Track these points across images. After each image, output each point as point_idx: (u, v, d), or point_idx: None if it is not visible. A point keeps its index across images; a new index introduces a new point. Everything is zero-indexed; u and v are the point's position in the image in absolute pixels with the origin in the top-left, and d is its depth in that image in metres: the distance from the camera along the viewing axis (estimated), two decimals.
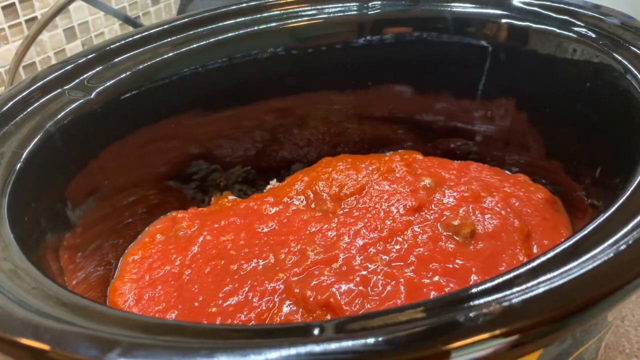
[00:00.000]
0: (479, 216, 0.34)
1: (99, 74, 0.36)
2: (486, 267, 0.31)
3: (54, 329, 0.19)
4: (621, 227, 0.21)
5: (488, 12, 0.39)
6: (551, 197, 0.37)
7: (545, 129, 0.39)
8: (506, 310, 0.18)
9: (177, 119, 0.39)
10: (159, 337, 0.18)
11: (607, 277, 0.19)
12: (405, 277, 0.30)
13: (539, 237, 0.33)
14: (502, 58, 0.39)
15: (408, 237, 0.33)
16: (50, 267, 0.29)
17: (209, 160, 0.42)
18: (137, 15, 0.76)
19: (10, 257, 0.24)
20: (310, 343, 0.17)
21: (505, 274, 0.20)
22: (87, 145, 0.35)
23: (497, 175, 0.39)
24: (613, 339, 0.36)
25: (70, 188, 0.33)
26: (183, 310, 0.31)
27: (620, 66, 0.31)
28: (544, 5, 0.37)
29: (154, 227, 0.39)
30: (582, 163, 0.35)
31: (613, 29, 0.34)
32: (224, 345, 0.18)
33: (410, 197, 0.36)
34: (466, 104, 0.42)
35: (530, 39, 0.37)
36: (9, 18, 0.63)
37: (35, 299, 0.21)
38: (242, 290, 0.31)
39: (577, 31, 0.35)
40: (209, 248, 0.34)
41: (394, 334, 0.17)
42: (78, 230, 0.33)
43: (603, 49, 0.33)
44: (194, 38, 0.40)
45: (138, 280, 0.34)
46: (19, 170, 0.29)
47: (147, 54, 0.38)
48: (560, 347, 0.22)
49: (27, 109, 0.32)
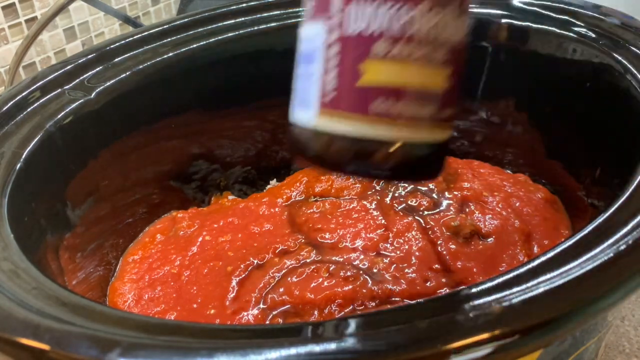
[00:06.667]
0: (479, 216, 0.34)
1: (99, 74, 0.36)
2: (487, 267, 0.31)
3: (54, 329, 0.19)
4: (621, 227, 0.21)
5: (488, 12, 0.39)
6: (551, 197, 0.37)
7: (545, 128, 0.39)
8: (506, 310, 0.18)
9: (177, 119, 0.39)
10: (159, 337, 0.18)
11: (607, 277, 0.19)
12: (406, 278, 0.30)
13: (539, 237, 0.33)
14: (502, 58, 0.39)
15: (409, 237, 0.33)
16: (50, 267, 0.29)
17: (209, 160, 0.42)
18: (137, 15, 0.76)
19: (10, 257, 0.24)
20: (310, 343, 0.17)
21: (505, 274, 0.20)
22: (87, 145, 0.35)
23: (498, 174, 0.39)
24: (613, 339, 0.36)
25: (70, 188, 0.33)
26: (182, 312, 0.31)
27: (620, 66, 0.31)
28: (544, 6, 0.37)
29: (154, 227, 0.39)
30: (582, 163, 0.35)
31: (613, 29, 0.34)
32: (224, 345, 0.18)
33: (411, 197, 0.35)
34: (466, 104, 0.42)
35: (530, 39, 0.37)
36: (8, 18, 0.63)
37: (36, 299, 0.21)
38: (241, 292, 0.31)
39: (578, 31, 0.35)
40: (208, 249, 0.34)
41: (393, 334, 0.17)
42: (78, 230, 0.33)
43: (603, 49, 0.33)
44: (194, 38, 0.40)
45: (138, 280, 0.34)
46: (19, 170, 0.29)
47: (147, 54, 0.38)
48: (560, 347, 0.22)
49: (27, 109, 0.32)
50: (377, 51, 0.20)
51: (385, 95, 0.20)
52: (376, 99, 0.21)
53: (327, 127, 0.22)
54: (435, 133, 0.22)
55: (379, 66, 0.20)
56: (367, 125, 0.21)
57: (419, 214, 0.35)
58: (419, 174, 0.23)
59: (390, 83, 0.20)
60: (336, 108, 0.21)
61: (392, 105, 0.21)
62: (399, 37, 0.20)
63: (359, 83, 0.21)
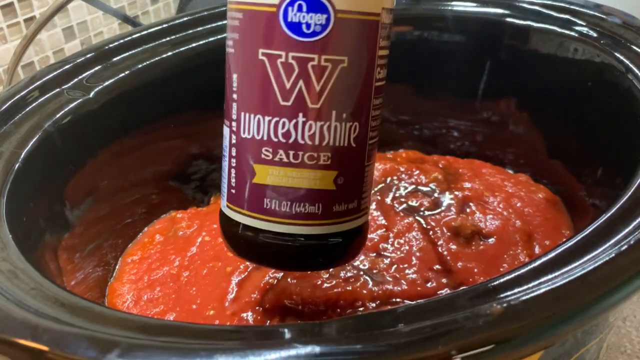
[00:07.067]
0: (480, 216, 0.34)
1: (98, 74, 0.36)
2: (488, 267, 0.31)
3: (53, 330, 0.19)
4: (623, 228, 0.21)
5: (489, 11, 0.39)
6: (552, 197, 0.37)
7: (546, 128, 0.39)
8: (507, 311, 0.18)
9: (177, 119, 0.39)
10: (158, 338, 0.18)
11: (608, 277, 0.19)
12: (406, 279, 0.30)
13: (540, 237, 0.33)
14: (503, 57, 0.39)
15: (409, 238, 0.33)
16: (49, 268, 0.29)
17: (208, 160, 0.42)
18: (136, 14, 0.76)
19: (8, 258, 0.24)
20: (310, 344, 0.17)
21: (507, 274, 0.20)
22: (86, 145, 0.34)
23: (499, 174, 0.39)
24: (614, 339, 0.36)
25: (69, 188, 0.33)
26: (181, 313, 0.31)
27: (622, 65, 0.31)
28: (545, 5, 0.37)
29: (154, 227, 0.39)
30: (584, 163, 0.35)
31: (614, 28, 0.34)
32: (224, 346, 0.18)
33: (411, 198, 0.35)
34: (467, 104, 0.42)
35: (531, 38, 0.37)
36: (7, 17, 0.62)
37: (34, 300, 0.21)
38: (240, 292, 0.31)
39: (579, 30, 0.35)
40: (207, 249, 0.34)
41: (394, 335, 0.17)
42: (77, 230, 0.33)
43: (604, 48, 0.33)
44: (193, 37, 0.40)
45: (137, 281, 0.34)
46: (17, 170, 0.29)
47: (146, 53, 0.38)
48: (561, 348, 0.22)
49: (25, 109, 0.32)
50: (264, 155, 0.23)
51: (275, 194, 0.23)
52: (268, 198, 0.23)
53: (235, 217, 0.25)
54: (332, 227, 0.24)
55: (268, 169, 0.23)
56: (264, 221, 0.23)
57: (420, 214, 0.35)
58: (325, 263, 0.25)
59: (279, 184, 0.23)
60: (235, 203, 0.24)
61: (282, 203, 0.23)
62: (282, 145, 0.22)
63: (253, 182, 0.23)
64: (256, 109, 0.23)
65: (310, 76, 0.22)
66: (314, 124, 0.22)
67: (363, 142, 0.23)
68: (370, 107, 0.23)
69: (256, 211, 0.24)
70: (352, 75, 0.22)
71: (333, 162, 0.23)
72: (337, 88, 0.22)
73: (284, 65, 0.22)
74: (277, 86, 0.22)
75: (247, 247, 0.25)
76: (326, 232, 0.24)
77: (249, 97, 0.23)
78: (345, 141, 0.23)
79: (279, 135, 0.22)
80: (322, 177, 0.23)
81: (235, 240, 0.25)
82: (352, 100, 0.23)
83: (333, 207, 0.23)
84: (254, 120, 0.23)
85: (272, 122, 0.22)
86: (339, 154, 0.23)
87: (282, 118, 0.22)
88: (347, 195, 0.24)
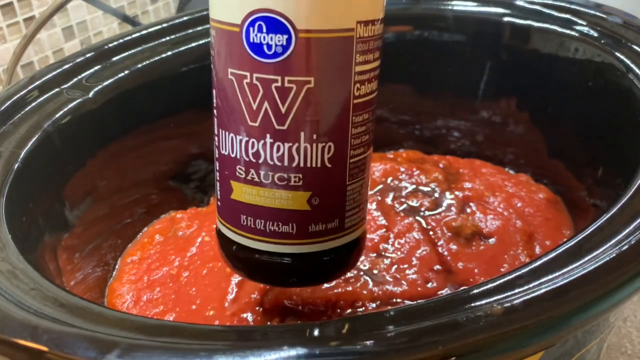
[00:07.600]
0: (481, 217, 0.34)
1: (98, 73, 0.36)
2: (488, 267, 0.31)
3: (53, 330, 0.19)
4: (623, 228, 0.21)
5: (490, 11, 0.39)
6: (553, 197, 0.37)
7: (546, 128, 0.39)
8: (507, 311, 0.18)
9: (176, 119, 0.39)
10: (158, 338, 0.18)
11: (609, 277, 0.19)
12: (407, 279, 0.30)
13: (541, 237, 0.33)
14: (503, 57, 0.39)
15: (410, 238, 0.33)
16: (48, 268, 0.29)
17: (208, 160, 0.42)
18: (135, 14, 0.76)
19: (8, 258, 0.24)
20: (310, 345, 0.17)
21: (507, 274, 0.19)
22: (86, 145, 0.34)
23: (499, 174, 0.39)
24: (615, 340, 0.36)
25: (68, 188, 0.33)
26: (181, 313, 0.31)
27: (622, 65, 0.31)
28: (545, 4, 0.37)
29: (153, 227, 0.39)
30: (584, 163, 0.35)
31: (615, 28, 0.33)
32: (223, 346, 0.17)
33: (412, 198, 0.35)
34: (467, 103, 0.42)
35: (532, 38, 0.37)
36: (6, 17, 0.62)
37: (33, 300, 0.21)
38: (240, 293, 0.31)
39: (579, 30, 0.35)
40: (207, 249, 0.34)
41: (394, 336, 0.17)
42: (76, 230, 0.33)
43: (605, 48, 0.33)
44: (192, 37, 0.40)
45: (136, 281, 0.34)
46: (16, 170, 0.29)
47: (146, 53, 0.38)
48: (562, 349, 0.22)
49: (25, 109, 0.32)
50: (238, 174, 0.23)
51: (250, 212, 0.23)
52: (244, 214, 0.23)
53: (222, 229, 0.25)
54: (309, 247, 0.23)
55: (242, 187, 0.23)
56: (242, 237, 0.23)
57: (420, 214, 0.35)
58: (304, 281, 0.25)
59: (253, 203, 0.23)
60: (220, 215, 0.24)
61: (256, 221, 0.23)
62: (253, 165, 0.22)
63: (231, 197, 0.23)
64: (230, 127, 0.22)
65: (275, 97, 0.21)
66: (282, 145, 0.22)
67: (342, 161, 0.22)
68: (348, 125, 0.22)
69: (235, 226, 0.23)
70: (322, 95, 0.21)
71: (305, 183, 0.22)
72: (305, 109, 0.21)
73: (249, 85, 0.21)
74: (245, 106, 0.22)
75: (231, 260, 0.25)
76: (303, 252, 0.23)
77: (224, 115, 0.23)
78: (318, 162, 0.22)
79: (249, 155, 0.22)
80: (294, 197, 0.22)
81: (224, 253, 0.25)
82: (324, 121, 0.22)
83: (309, 227, 0.23)
84: (229, 138, 0.23)
85: (243, 141, 0.22)
86: (312, 175, 0.22)
87: (251, 138, 0.22)
88: (324, 215, 0.23)
